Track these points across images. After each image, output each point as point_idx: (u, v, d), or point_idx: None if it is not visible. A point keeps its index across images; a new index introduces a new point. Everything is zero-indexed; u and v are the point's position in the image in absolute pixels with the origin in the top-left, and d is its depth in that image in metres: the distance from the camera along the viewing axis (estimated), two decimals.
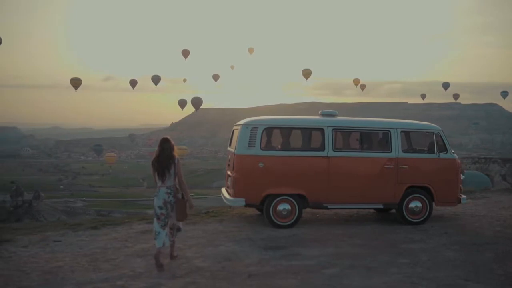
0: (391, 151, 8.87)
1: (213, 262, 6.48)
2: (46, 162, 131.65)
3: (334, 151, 8.69)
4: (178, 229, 6.62)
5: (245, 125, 8.73)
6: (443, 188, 9.02)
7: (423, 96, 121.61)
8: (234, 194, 8.61)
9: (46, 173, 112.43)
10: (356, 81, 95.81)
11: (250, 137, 8.55)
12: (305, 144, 8.96)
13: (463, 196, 9.33)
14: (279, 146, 8.95)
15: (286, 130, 8.97)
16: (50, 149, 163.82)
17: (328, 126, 8.75)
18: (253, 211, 9.73)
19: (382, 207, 9.07)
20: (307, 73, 75.92)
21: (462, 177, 9.48)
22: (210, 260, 6.57)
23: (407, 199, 8.92)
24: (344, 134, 9.14)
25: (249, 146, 8.54)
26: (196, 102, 79.99)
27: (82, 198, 79.51)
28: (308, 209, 9.22)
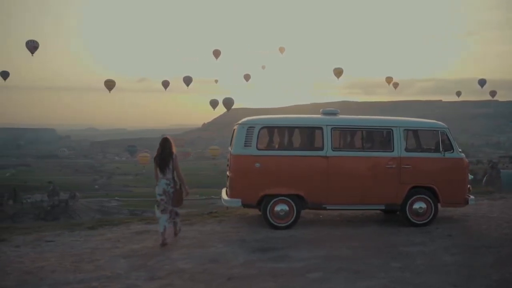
0: (393, 150, 8.57)
1: (197, 264, 6.38)
2: (82, 163, 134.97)
3: (333, 151, 8.46)
4: (177, 214, 7.64)
5: (241, 124, 8.60)
6: (449, 189, 8.65)
7: (458, 94, 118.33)
8: (231, 195, 8.51)
9: (82, 173, 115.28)
10: (388, 80, 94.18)
11: (246, 136, 8.41)
12: (303, 144, 8.76)
13: (471, 196, 8.92)
14: (276, 146, 8.77)
15: (284, 130, 8.78)
16: (86, 150, 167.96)
17: (327, 125, 8.52)
18: (256, 212, 9.59)
19: (384, 208, 8.78)
20: (338, 72, 75.12)
21: (470, 177, 9.07)
22: (195, 262, 6.47)
23: (410, 200, 8.60)
24: (344, 133, 8.90)
25: (245, 145, 8.40)
26: (228, 102, 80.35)
27: (116, 198, 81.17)
28: (313, 210, 9.06)
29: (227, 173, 8.99)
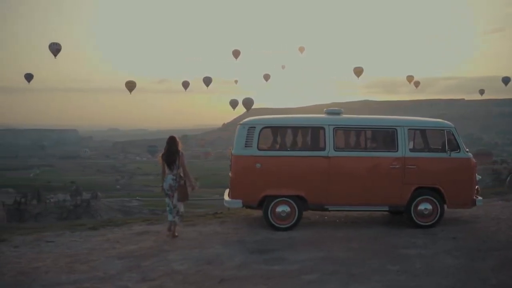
0: (397, 150, 8.40)
1: (192, 265, 6.34)
2: (104, 163, 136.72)
3: (335, 151, 8.33)
4: (178, 212, 7.85)
5: (242, 124, 8.54)
6: (455, 190, 8.43)
7: (482, 92, 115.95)
8: (231, 195, 8.46)
9: (104, 173, 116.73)
10: (409, 78, 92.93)
11: (247, 137, 8.35)
12: (304, 144, 8.66)
13: (479, 197, 8.69)
14: (278, 146, 8.68)
15: (285, 130, 8.68)
16: (108, 150, 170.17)
17: (329, 125, 8.39)
18: (260, 213, 9.48)
19: (387, 209, 8.62)
20: (358, 71, 74.44)
21: (478, 177, 8.84)
22: (190, 263, 6.44)
23: (415, 201, 8.41)
24: (346, 133, 8.77)
25: (245, 146, 8.34)
26: (247, 102, 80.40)
27: (138, 198, 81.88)
28: (318, 211, 8.94)
29: (230, 173, 8.95)
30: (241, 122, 8.66)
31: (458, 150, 8.50)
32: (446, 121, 8.88)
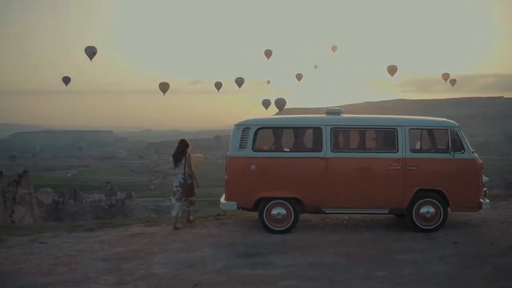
0: (397, 151, 8.09)
1: (173, 269, 6.25)
2: (138, 163, 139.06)
3: (333, 152, 8.09)
4: (191, 203, 8.93)
5: (237, 125, 8.41)
6: (459, 192, 8.04)
7: None
8: (226, 197, 8.34)
9: (138, 173, 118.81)
10: (445, 76, 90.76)
11: (241, 138, 8.22)
12: (301, 145, 8.45)
13: (486, 200, 8.27)
14: (273, 147, 8.50)
15: (281, 130, 8.50)
16: (142, 150, 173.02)
17: (326, 125, 8.16)
18: None
19: (387, 212, 8.31)
20: (392, 70, 73.21)
21: (485, 179, 8.41)
22: (172, 267, 6.35)
23: (417, 204, 8.08)
24: (344, 133, 8.49)
25: (240, 147, 8.21)
26: (280, 103, 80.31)
27: (170, 198, 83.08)
28: (319, 214, 8.73)
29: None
30: (236, 123, 8.53)
31: (462, 151, 8.11)
32: (450, 120, 8.50)
